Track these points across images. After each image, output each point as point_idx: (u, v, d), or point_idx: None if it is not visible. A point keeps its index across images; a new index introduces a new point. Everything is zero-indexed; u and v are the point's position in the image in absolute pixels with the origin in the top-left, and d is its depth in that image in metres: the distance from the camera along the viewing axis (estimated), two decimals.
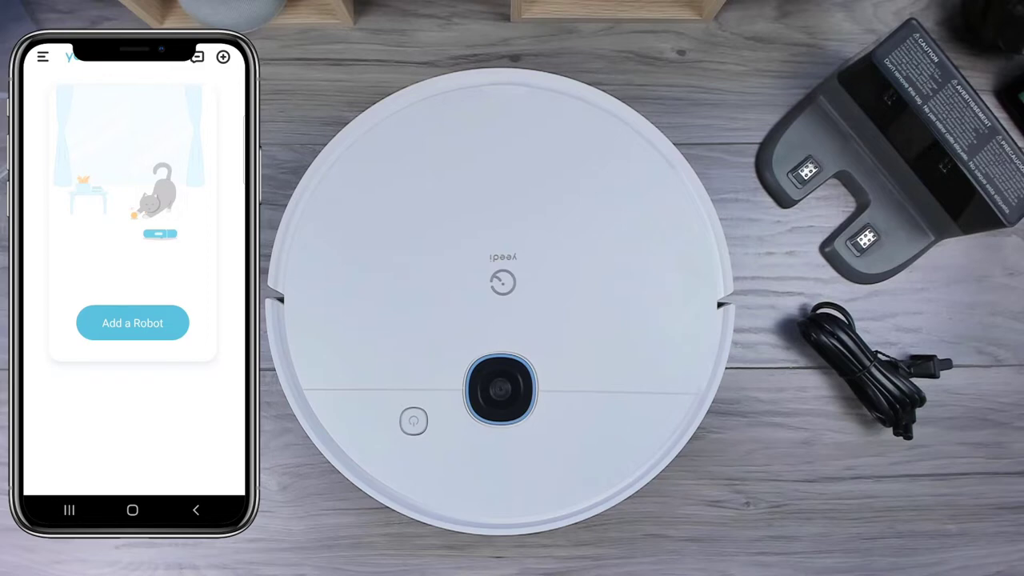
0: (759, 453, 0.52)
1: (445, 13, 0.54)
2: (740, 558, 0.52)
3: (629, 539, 0.51)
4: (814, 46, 0.54)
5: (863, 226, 0.52)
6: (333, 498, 0.51)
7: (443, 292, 0.45)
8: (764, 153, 0.53)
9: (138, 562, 0.51)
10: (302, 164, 0.47)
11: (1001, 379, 0.52)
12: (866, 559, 0.52)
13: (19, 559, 0.51)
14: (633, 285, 0.45)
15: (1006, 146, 0.46)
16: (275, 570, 0.51)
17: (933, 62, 0.46)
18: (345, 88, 0.53)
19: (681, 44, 0.54)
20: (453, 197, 0.45)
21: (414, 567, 0.51)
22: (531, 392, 0.44)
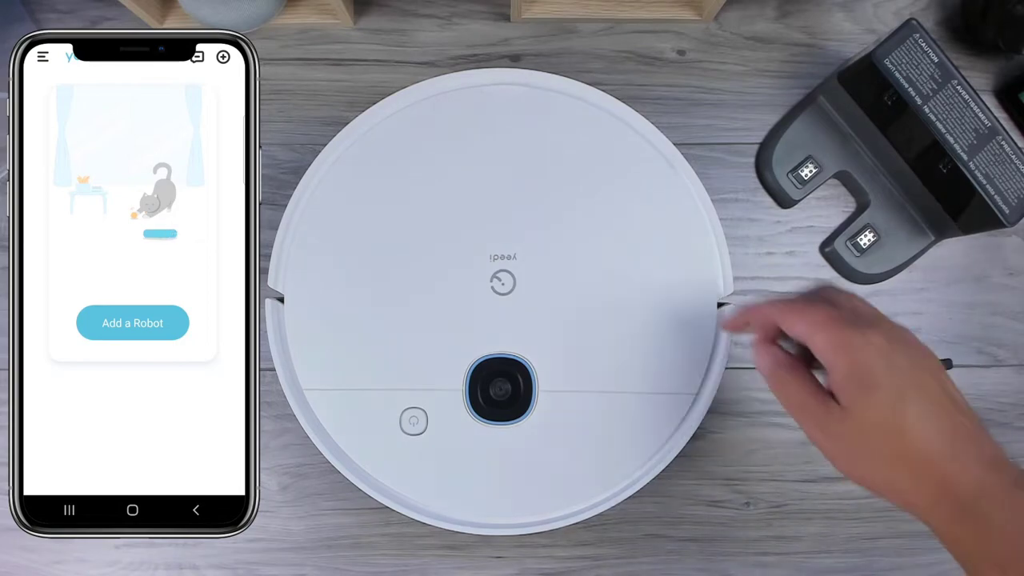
0: (759, 453, 0.52)
1: (445, 13, 0.54)
2: (740, 558, 0.52)
3: (629, 539, 0.51)
4: (814, 46, 0.54)
5: (863, 226, 0.52)
6: (333, 498, 0.51)
7: (443, 292, 0.45)
8: (764, 153, 0.53)
9: (138, 562, 0.51)
10: (302, 164, 0.47)
11: (1001, 379, 0.52)
12: (866, 559, 0.52)
13: (19, 559, 0.51)
14: (633, 285, 0.45)
15: (1006, 146, 0.46)
16: (275, 570, 0.51)
17: (933, 62, 0.46)
18: (345, 88, 0.53)
19: (681, 44, 0.54)
20: (453, 197, 0.45)
21: (414, 567, 0.51)
22: (531, 392, 0.44)
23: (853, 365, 0.33)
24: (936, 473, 0.32)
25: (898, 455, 0.32)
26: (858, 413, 0.33)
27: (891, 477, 0.33)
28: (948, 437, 0.32)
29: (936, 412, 0.33)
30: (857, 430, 0.33)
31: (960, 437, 0.32)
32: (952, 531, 0.32)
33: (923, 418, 0.32)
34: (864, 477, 0.34)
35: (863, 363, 0.33)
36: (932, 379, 0.33)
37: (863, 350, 0.33)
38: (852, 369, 0.33)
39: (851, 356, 0.33)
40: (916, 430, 0.32)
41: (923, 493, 0.32)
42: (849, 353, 0.33)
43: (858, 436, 0.33)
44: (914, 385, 0.33)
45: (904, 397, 0.32)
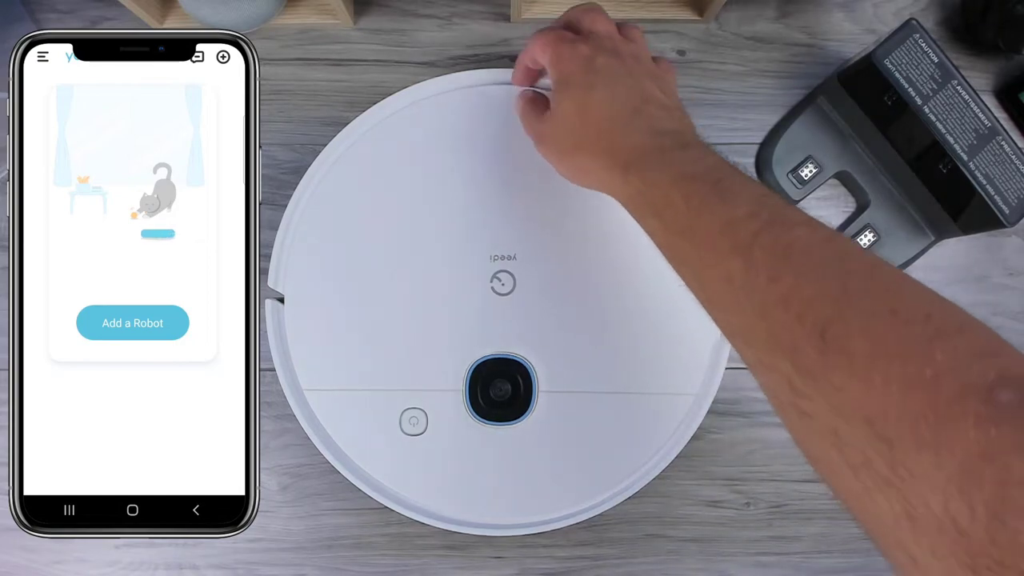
0: (759, 453, 0.52)
1: (445, 13, 0.54)
2: (740, 558, 0.52)
3: (629, 539, 0.51)
4: (814, 46, 0.54)
5: (863, 226, 0.52)
6: (333, 498, 0.51)
7: (443, 292, 0.45)
8: (764, 153, 0.53)
9: (138, 562, 0.51)
10: (302, 164, 0.47)
11: None
12: (866, 559, 0.52)
13: (19, 559, 0.51)
14: (633, 285, 0.45)
15: (1006, 146, 0.46)
16: (275, 570, 0.51)
17: (933, 62, 0.46)
18: (345, 88, 0.53)
19: (681, 44, 0.54)
20: (453, 197, 0.45)
21: (414, 567, 0.51)
22: (531, 392, 0.44)
23: (559, 73, 0.38)
24: (606, 143, 0.36)
25: (583, 135, 0.37)
26: (557, 110, 0.38)
27: (580, 161, 0.38)
28: (627, 114, 0.36)
29: (622, 96, 0.36)
30: (556, 124, 0.38)
31: (641, 115, 0.36)
32: (623, 193, 0.36)
33: (605, 102, 0.36)
34: (569, 169, 0.39)
35: (566, 70, 0.37)
36: (630, 77, 0.37)
37: (570, 60, 0.37)
38: (558, 76, 0.38)
39: (559, 66, 0.38)
40: (596, 111, 0.36)
41: (601, 166, 0.36)
42: (558, 63, 0.38)
43: (558, 129, 0.38)
44: (607, 78, 0.37)
45: (593, 87, 0.36)
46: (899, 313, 0.26)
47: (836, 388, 0.25)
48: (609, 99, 0.36)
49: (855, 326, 0.26)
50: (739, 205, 0.31)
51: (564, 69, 0.38)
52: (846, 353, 0.25)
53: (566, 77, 0.37)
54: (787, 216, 0.30)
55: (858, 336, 0.25)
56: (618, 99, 0.36)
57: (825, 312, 0.26)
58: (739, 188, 0.32)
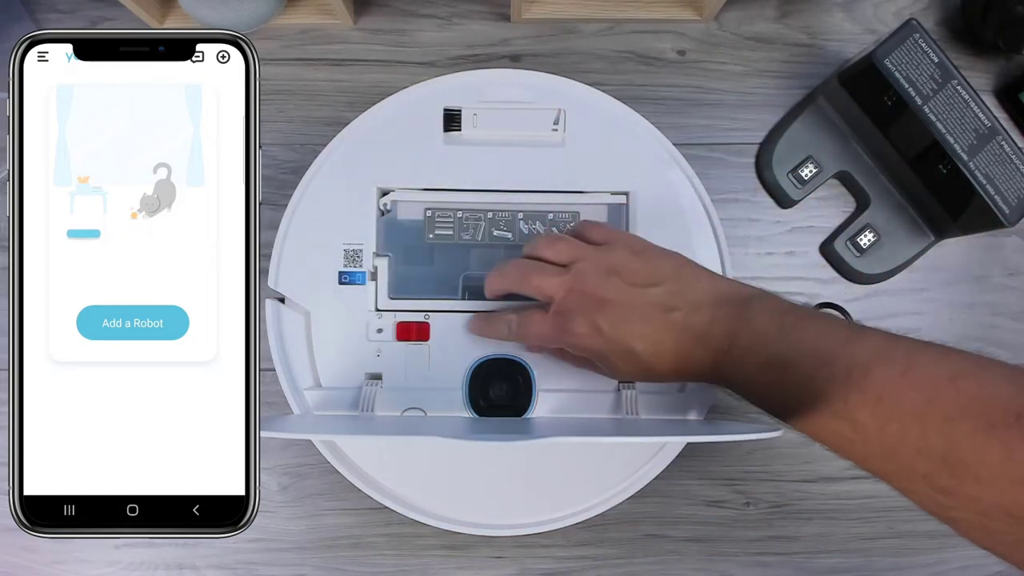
0: (759, 453, 0.52)
1: (445, 13, 0.54)
2: (740, 558, 0.52)
3: (629, 539, 0.51)
4: (814, 46, 0.54)
5: (863, 226, 0.52)
6: (333, 498, 0.51)
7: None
8: (764, 153, 0.53)
9: (138, 562, 0.51)
10: (302, 164, 0.47)
11: None
12: (866, 559, 0.52)
13: (19, 559, 0.51)
14: None
15: (1006, 146, 0.46)
16: (275, 570, 0.51)
17: (933, 62, 0.46)
18: (345, 88, 0.53)
19: (681, 44, 0.54)
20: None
21: (414, 567, 0.51)
22: (531, 392, 0.44)
23: (575, 347, 0.40)
24: (689, 371, 0.40)
25: (661, 375, 0.40)
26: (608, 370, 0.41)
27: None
28: (676, 344, 0.38)
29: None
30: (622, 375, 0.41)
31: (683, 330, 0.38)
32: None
33: (649, 352, 0.38)
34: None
35: (578, 344, 0.39)
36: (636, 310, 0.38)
37: (575, 334, 0.39)
38: (575, 348, 0.40)
39: (567, 341, 0.40)
40: (648, 360, 0.39)
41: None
42: (563, 338, 0.40)
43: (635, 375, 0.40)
44: (627, 328, 0.38)
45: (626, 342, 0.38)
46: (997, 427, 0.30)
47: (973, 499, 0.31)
48: (654, 347, 0.38)
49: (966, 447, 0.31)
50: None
51: (574, 344, 0.39)
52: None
53: (584, 348, 0.39)
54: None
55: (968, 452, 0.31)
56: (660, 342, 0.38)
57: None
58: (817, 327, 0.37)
